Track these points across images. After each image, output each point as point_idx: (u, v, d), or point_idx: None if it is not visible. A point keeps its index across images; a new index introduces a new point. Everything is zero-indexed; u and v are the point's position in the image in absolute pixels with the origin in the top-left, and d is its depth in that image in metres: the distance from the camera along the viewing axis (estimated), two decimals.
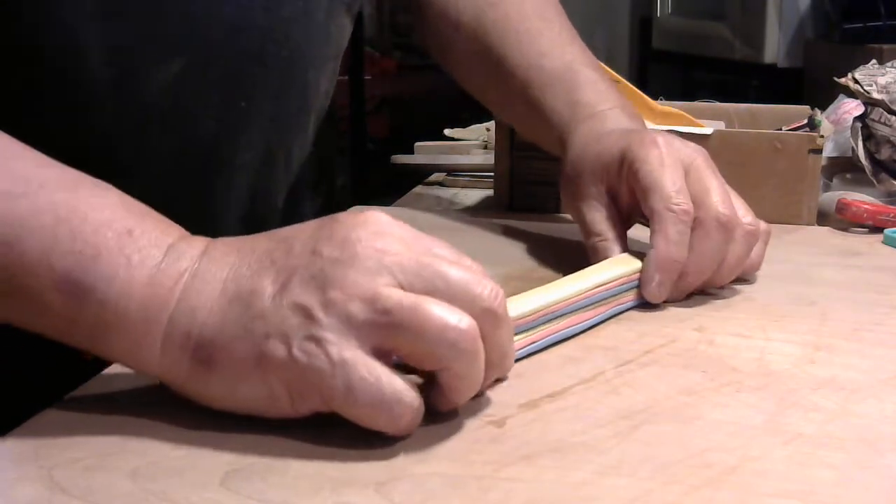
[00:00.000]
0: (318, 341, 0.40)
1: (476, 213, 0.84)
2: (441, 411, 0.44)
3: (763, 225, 0.63)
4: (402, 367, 0.43)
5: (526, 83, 0.73)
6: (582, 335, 0.55)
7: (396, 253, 0.42)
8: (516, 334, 0.49)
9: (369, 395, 0.40)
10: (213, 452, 0.41)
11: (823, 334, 0.56)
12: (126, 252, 0.43)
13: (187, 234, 0.45)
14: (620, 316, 0.58)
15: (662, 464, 0.41)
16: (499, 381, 0.48)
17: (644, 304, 0.60)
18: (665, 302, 0.60)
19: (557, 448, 0.42)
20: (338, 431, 0.43)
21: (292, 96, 0.68)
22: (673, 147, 0.61)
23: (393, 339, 0.41)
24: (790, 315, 0.59)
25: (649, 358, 0.52)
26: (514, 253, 0.72)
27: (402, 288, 0.41)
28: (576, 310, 0.55)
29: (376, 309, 0.40)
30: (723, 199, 0.59)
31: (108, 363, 0.49)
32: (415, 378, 0.43)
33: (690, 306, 0.60)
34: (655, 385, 0.49)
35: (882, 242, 0.75)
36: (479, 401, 0.46)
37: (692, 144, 0.62)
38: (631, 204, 0.63)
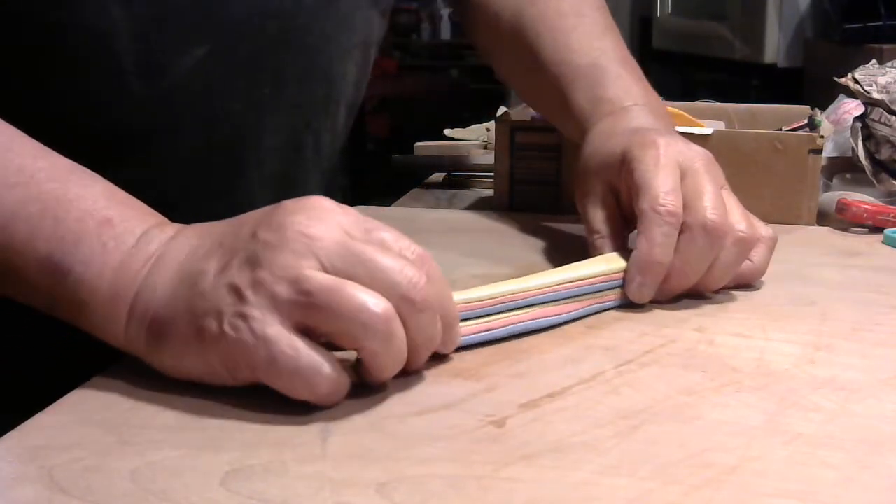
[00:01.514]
0: (244, 318, 0.43)
1: (476, 213, 0.84)
2: (371, 385, 0.47)
3: (765, 231, 0.62)
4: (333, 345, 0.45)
5: (556, 79, 0.74)
6: (582, 335, 0.55)
7: (326, 238, 0.44)
8: (469, 319, 0.52)
9: (288, 366, 0.43)
10: (213, 452, 0.41)
11: (823, 334, 0.56)
12: (103, 239, 0.47)
13: (164, 221, 0.50)
14: (620, 316, 0.58)
15: (662, 464, 0.41)
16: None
17: (640, 304, 0.60)
18: (651, 303, 0.60)
19: (557, 448, 0.42)
20: (338, 431, 0.43)
21: (318, 83, 0.69)
22: (672, 148, 0.61)
23: (313, 318, 0.43)
24: (790, 315, 0.59)
25: (649, 358, 0.52)
26: (514, 253, 0.72)
27: (327, 271, 0.44)
28: (543, 302, 0.55)
29: (299, 290, 0.43)
30: (714, 204, 0.58)
31: (107, 363, 0.50)
32: (347, 354, 0.46)
33: (690, 306, 0.60)
34: (655, 385, 0.49)
35: (882, 242, 0.75)
36: (479, 401, 0.47)
37: (697, 148, 0.62)
38: (631, 203, 0.63)
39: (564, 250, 0.69)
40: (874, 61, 0.93)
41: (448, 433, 0.43)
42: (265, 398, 0.45)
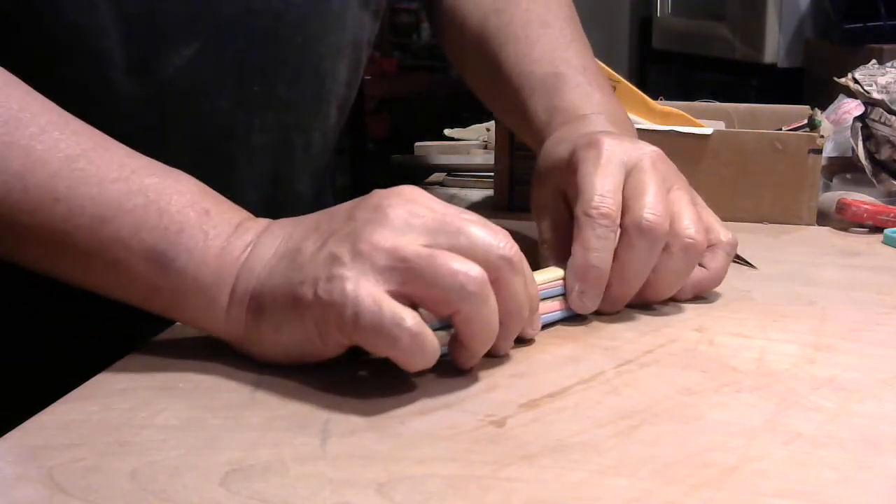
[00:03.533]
0: (338, 278, 0.45)
1: (476, 213, 0.84)
2: (465, 367, 0.49)
3: (724, 236, 0.60)
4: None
5: (516, 91, 0.72)
6: (582, 335, 0.55)
7: (423, 216, 0.47)
8: None
9: (371, 319, 0.44)
10: (213, 452, 0.41)
11: (823, 334, 0.56)
12: (204, 228, 0.49)
13: (253, 216, 0.52)
14: (620, 316, 0.58)
15: (662, 464, 0.41)
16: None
17: (628, 306, 0.59)
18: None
19: (557, 448, 0.42)
20: (338, 431, 0.43)
21: (308, 82, 0.68)
22: (617, 148, 0.58)
23: (409, 284, 0.45)
24: (790, 315, 0.59)
25: (649, 358, 0.52)
26: None
27: (425, 245, 0.46)
28: None
29: (396, 257, 0.45)
30: (654, 204, 0.55)
31: (107, 363, 0.50)
32: (442, 335, 0.48)
33: (690, 306, 0.60)
34: (655, 385, 0.49)
35: (882, 242, 0.75)
36: (479, 401, 0.47)
37: (647, 147, 0.59)
38: None
39: None
40: (874, 61, 0.93)
41: (448, 433, 0.43)
42: (265, 399, 0.45)
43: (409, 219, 0.46)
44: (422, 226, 0.46)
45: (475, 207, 0.88)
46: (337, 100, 0.72)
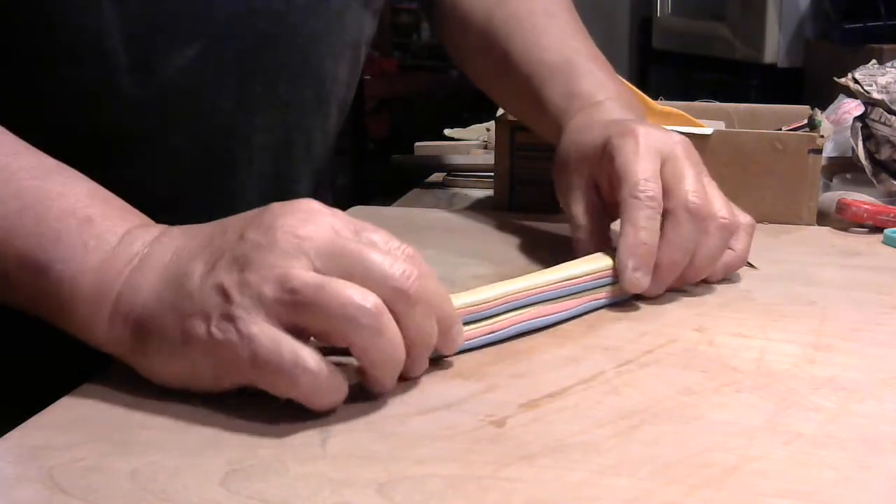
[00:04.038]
0: (231, 319, 0.43)
1: (476, 213, 0.84)
2: (375, 392, 0.46)
3: (744, 219, 0.63)
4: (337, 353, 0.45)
5: (528, 78, 0.74)
6: (582, 335, 0.55)
7: (316, 237, 0.44)
8: (474, 321, 0.52)
9: (269, 360, 0.42)
10: (213, 452, 0.41)
11: (823, 334, 0.56)
12: (84, 237, 0.46)
13: (148, 222, 0.49)
14: (620, 316, 0.58)
15: (662, 464, 0.41)
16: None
17: (638, 300, 0.60)
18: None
19: (557, 448, 0.42)
20: (338, 431, 0.43)
21: (308, 82, 0.69)
22: (651, 137, 0.61)
23: (300, 316, 0.43)
24: (790, 315, 0.59)
25: (649, 358, 0.52)
26: (514, 253, 0.72)
27: (317, 270, 0.43)
28: (541, 301, 0.55)
29: (285, 288, 0.42)
30: (695, 188, 0.59)
31: (106, 363, 0.50)
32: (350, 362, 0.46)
33: (690, 306, 0.60)
34: (655, 385, 0.49)
35: (882, 242, 0.75)
36: (479, 401, 0.47)
37: (676, 135, 0.62)
38: (612, 194, 0.63)
39: (564, 250, 0.69)
40: (874, 61, 0.93)
41: (448, 433, 0.43)
42: (265, 398, 0.45)
43: (300, 243, 0.43)
44: (314, 250, 0.43)
45: (475, 207, 0.88)
46: (337, 100, 0.73)
